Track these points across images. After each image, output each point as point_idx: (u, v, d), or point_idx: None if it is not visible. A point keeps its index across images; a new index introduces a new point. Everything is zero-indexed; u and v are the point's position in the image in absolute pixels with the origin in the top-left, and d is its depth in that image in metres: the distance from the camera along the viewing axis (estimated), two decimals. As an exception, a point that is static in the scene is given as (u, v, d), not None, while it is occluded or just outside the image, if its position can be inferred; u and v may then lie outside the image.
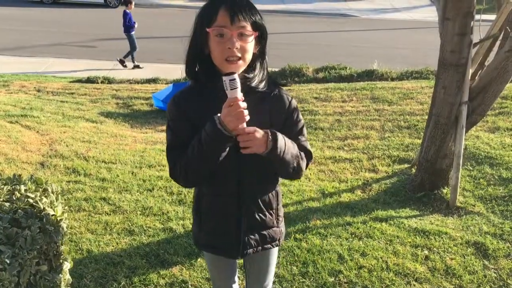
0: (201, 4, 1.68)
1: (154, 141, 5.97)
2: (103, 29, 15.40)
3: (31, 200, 1.84)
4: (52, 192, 2.00)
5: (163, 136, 6.25)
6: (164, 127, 6.88)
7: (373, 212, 4.09)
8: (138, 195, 4.25)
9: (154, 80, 9.68)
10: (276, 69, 9.41)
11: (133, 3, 11.07)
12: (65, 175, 4.62)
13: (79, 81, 9.61)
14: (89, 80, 9.61)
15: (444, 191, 4.44)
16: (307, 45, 14.31)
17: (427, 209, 4.25)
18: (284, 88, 1.82)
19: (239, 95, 1.46)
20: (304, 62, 9.43)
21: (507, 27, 4.07)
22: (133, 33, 10.90)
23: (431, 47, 14.72)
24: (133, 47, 10.94)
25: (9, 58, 11.80)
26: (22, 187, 1.92)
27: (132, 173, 4.74)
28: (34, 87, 8.89)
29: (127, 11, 10.80)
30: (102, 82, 9.56)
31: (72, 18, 17.60)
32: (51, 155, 5.13)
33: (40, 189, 1.98)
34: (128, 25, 10.75)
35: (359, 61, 10.35)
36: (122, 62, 11.01)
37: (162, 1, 21.99)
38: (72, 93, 8.47)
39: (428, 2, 25.01)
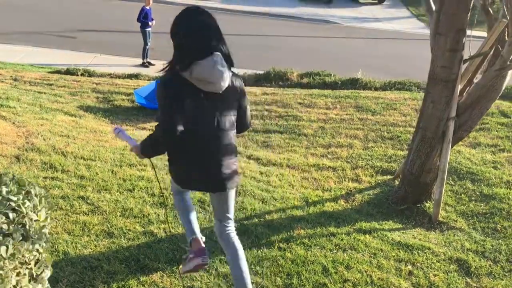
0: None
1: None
2: (86, 19, 15.04)
3: (13, 204, 1.72)
4: (36, 195, 1.88)
5: (144, 134, 6.10)
6: (146, 125, 6.77)
7: (356, 223, 4.06)
8: (118, 195, 4.12)
9: (136, 76, 9.48)
10: (261, 72, 9.35)
11: None
12: (41, 171, 4.44)
13: (58, 72, 9.33)
14: (68, 72, 9.33)
15: (427, 205, 4.45)
16: (290, 50, 14.30)
17: (409, 222, 4.26)
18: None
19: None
20: (287, 66, 9.39)
21: (498, 46, 4.10)
22: (148, 29, 10.57)
23: (412, 58, 14.94)
24: (145, 43, 10.62)
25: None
26: (4, 189, 1.80)
27: (112, 172, 4.59)
28: (11, 76, 8.59)
29: (145, 7, 10.49)
30: (82, 75, 9.30)
31: (53, 6, 17.14)
32: (27, 148, 4.93)
33: (23, 191, 1.85)
34: (142, 21, 10.42)
35: (341, 68, 10.38)
36: (144, 64, 10.64)
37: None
38: (51, 84, 8.21)
39: (408, 13, 25.38)
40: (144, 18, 10.33)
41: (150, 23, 10.34)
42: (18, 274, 1.59)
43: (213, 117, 2.49)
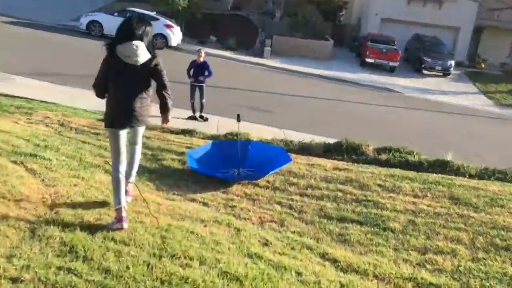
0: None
1: (182, 214, 4.72)
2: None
3: None
4: None
5: (193, 208, 5.01)
6: (196, 196, 5.68)
7: None
8: (151, 307, 2.95)
9: (190, 132, 8.58)
10: (330, 141, 8.21)
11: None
12: (57, 256, 3.37)
13: (109, 120, 8.58)
14: None
15: None
16: (353, 116, 13.19)
17: None
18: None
19: None
20: (353, 132, 8.23)
21: None
22: (192, 83, 10.09)
23: (491, 139, 13.38)
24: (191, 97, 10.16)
25: (42, 83, 11.03)
26: None
27: (147, 266, 3.46)
28: (58, 120, 7.89)
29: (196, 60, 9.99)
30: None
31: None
32: (49, 218, 3.92)
33: None
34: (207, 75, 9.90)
35: (416, 144, 9.10)
36: (202, 117, 10.10)
37: (209, 50, 21.51)
38: (97, 134, 7.40)
39: (475, 89, 23.76)
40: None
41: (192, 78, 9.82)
42: None
43: (131, 78, 3.94)
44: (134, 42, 3.80)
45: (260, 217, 5.09)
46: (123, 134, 4.13)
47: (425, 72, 24.28)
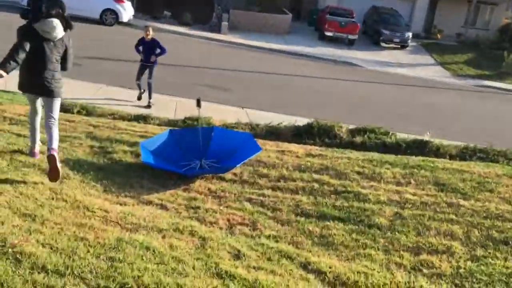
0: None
1: (135, 223, 3.93)
2: (94, 47, 13.43)
3: None
4: None
5: (148, 213, 4.22)
6: (151, 197, 4.87)
7: None
8: None
9: (144, 118, 7.67)
10: (300, 123, 7.54)
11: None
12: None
13: (49, 107, 7.54)
14: (62, 108, 7.53)
15: None
16: (317, 92, 12.59)
17: None
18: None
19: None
20: (322, 111, 7.61)
21: None
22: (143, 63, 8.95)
23: (457, 112, 13.09)
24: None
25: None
26: None
27: (89, 305, 2.67)
28: (-10, 110, 6.80)
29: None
30: (78, 113, 7.53)
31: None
32: (-41, 244, 3.04)
33: None
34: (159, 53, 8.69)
35: (386, 121, 8.61)
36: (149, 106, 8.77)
37: (163, 26, 20.19)
38: (35, 124, 6.38)
39: (432, 60, 23.65)
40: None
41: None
42: None
43: (44, 51, 4.37)
44: (53, 19, 4.28)
45: (228, 219, 4.36)
46: (37, 100, 4.71)
47: (383, 44, 23.96)
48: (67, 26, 4.42)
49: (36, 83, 4.43)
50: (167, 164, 5.36)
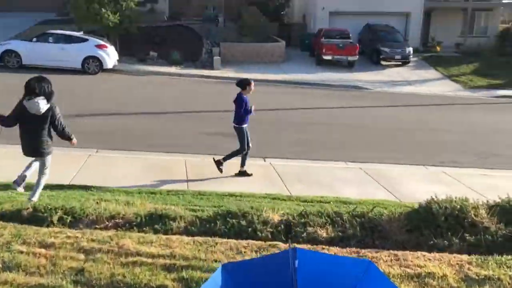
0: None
1: None
2: (79, 100, 11.92)
3: None
4: None
5: None
6: None
7: None
8: None
9: (160, 218, 5.00)
10: (347, 171, 6.01)
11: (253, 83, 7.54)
12: None
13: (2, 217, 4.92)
14: (35, 220, 4.86)
15: None
16: (342, 126, 11.16)
17: None
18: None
19: None
20: (379, 157, 5.93)
21: None
22: (245, 126, 7.40)
23: (493, 130, 11.20)
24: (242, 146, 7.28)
25: None
26: None
27: None
28: None
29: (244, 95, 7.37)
30: (59, 221, 4.90)
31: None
32: None
33: None
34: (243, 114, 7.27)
35: (450, 155, 7.09)
36: (219, 164, 7.17)
37: (153, 68, 18.79)
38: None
39: (439, 74, 22.41)
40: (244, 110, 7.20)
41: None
42: None
43: (32, 123, 5.34)
44: (36, 99, 5.20)
45: None
46: (31, 159, 5.71)
47: (383, 63, 22.84)
48: (49, 99, 5.31)
49: (29, 148, 5.49)
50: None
